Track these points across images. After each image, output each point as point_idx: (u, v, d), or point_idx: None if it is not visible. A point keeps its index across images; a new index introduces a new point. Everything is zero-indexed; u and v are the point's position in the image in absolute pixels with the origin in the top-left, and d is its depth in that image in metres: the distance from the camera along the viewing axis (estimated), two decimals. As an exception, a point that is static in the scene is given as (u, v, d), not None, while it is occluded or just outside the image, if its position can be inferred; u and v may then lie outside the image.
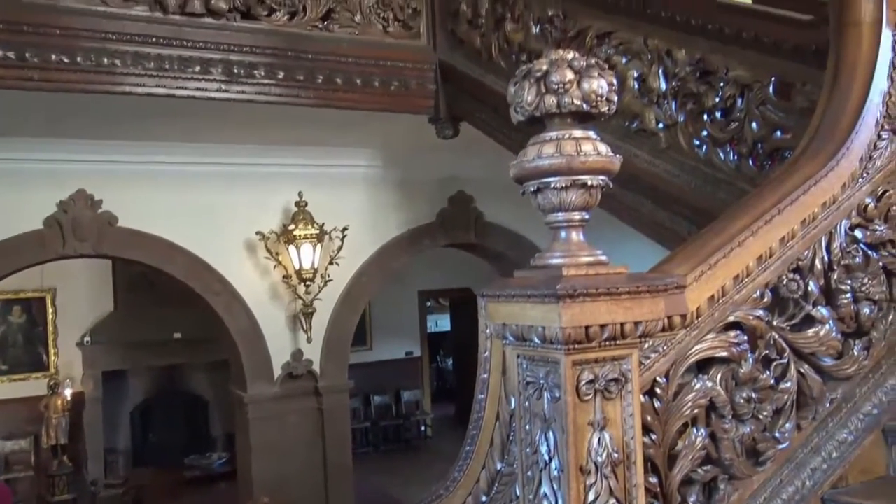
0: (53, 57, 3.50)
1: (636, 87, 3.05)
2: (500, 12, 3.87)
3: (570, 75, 1.46)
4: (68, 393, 9.44)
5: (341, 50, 4.10)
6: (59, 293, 9.64)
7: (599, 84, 1.47)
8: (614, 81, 1.51)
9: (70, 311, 9.68)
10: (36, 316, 9.64)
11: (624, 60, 3.12)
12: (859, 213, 1.96)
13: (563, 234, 1.52)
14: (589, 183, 1.47)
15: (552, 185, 1.48)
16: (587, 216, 1.52)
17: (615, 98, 1.51)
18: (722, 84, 2.68)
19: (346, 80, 4.11)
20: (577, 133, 1.47)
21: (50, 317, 9.68)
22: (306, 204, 5.58)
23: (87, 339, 9.65)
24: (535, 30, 3.63)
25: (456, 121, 4.42)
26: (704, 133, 2.78)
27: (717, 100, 2.70)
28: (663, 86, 2.93)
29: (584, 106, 1.47)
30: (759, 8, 2.74)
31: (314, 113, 4.30)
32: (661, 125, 2.95)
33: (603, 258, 1.51)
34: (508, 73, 3.78)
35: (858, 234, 1.96)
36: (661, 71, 2.94)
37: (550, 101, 1.47)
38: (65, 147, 4.89)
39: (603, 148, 1.47)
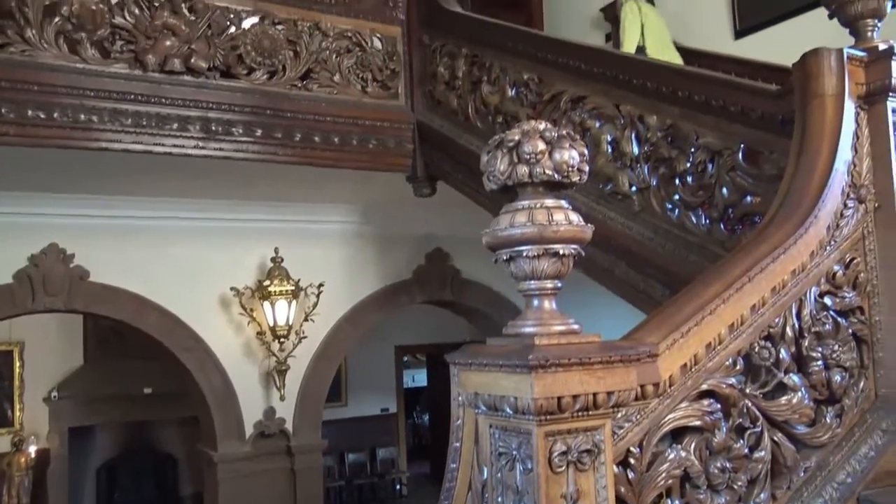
0: (30, 112, 3.50)
1: (609, 150, 3.10)
2: (477, 75, 3.94)
3: (541, 146, 1.48)
4: (32, 450, 9.15)
5: (320, 109, 4.14)
6: (27, 346, 9.42)
7: (571, 155, 1.49)
8: (585, 152, 1.53)
9: (38, 364, 9.45)
10: (2, 370, 9.39)
11: (598, 124, 3.18)
12: (828, 281, 1.98)
13: (535, 302, 1.52)
14: (561, 252, 1.47)
15: (524, 254, 1.48)
16: (559, 284, 1.52)
17: (586, 168, 1.53)
18: (693, 150, 2.73)
19: (324, 138, 4.15)
20: (549, 202, 1.48)
21: (17, 371, 9.44)
22: (282, 260, 5.56)
23: (54, 393, 9.41)
24: (511, 93, 3.70)
25: (433, 180, 4.46)
26: (676, 197, 2.82)
27: (689, 165, 2.75)
28: (636, 150, 2.98)
29: (556, 176, 1.48)
30: (725, 77, 2.81)
31: (291, 170, 4.32)
32: (634, 188, 2.99)
33: (575, 327, 1.50)
34: (485, 134, 3.85)
35: (828, 301, 1.97)
36: (633, 135, 3.00)
37: (522, 170, 1.48)
38: (38, 201, 4.85)
39: (574, 217, 1.48)
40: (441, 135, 4.20)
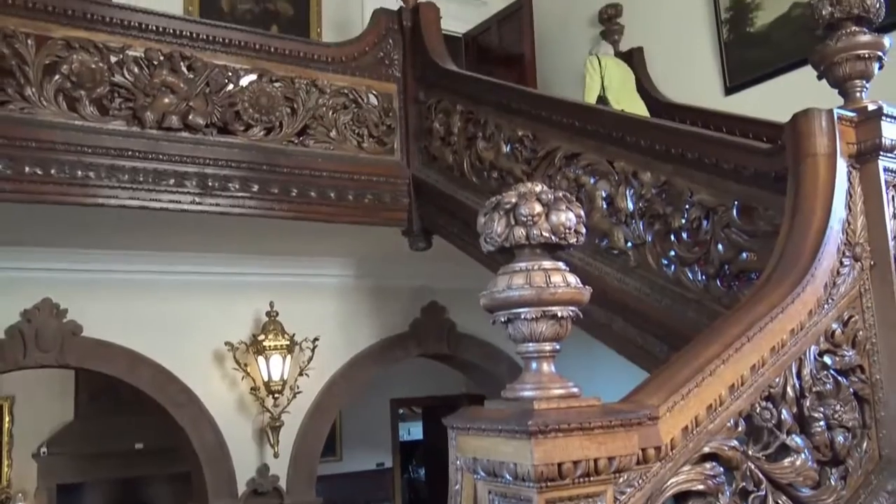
0: (27, 169, 3.52)
1: (605, 206, 3.12)
2: (472, 131, 3.99)
3: (538, 208, 1.48)
4: (19, 509, 8.95)
5: (316, 164, 4.18)
6: (17, 401, 9.27)
7: (567, 216, 1.49)
8: (582, 213, 1.53)
9: (28, 419, 9.26)
10: (-9, 425, 9.23)
11: (592, 180, 3.21)
12: (827, 339, 1.97)
13: (534, 365, 1.50)
14: (559, 314, 1.47)
15: (522, 316, 1.47)
16: (558, 346, 1.51)
17: (583, 230, 1.53)
18: (687, 206, 2.74)
19: (321, 193, 4.17)
20: (547, 264, 1.48)
21: (6, 426, 9.26)
22: (277, 314, 5.53)
23: (43, 449, 9.21)
24: (506, 149, 3.74)
25: (428, 234, 4.47)
26: (672, 253, 2.82)
27: (684, 221, 2.76)
28: (631, 206, 3.00)
29: (553, 238, 1.48)
30: (718, 135, 2.85)
31: (287, 224, 4.33)
32: (629, 244, 3.00)
33: (575, 390, 1.48)
34: (480, 189, 3.88)
35: (828, 359, 1.96)
36: (628, 192, 3.02)
37: (520, 232, 1.49)
38: (31, 256, 4.83)
39: (572, 279, 1.48)
40: (436, 189, 4.23)
